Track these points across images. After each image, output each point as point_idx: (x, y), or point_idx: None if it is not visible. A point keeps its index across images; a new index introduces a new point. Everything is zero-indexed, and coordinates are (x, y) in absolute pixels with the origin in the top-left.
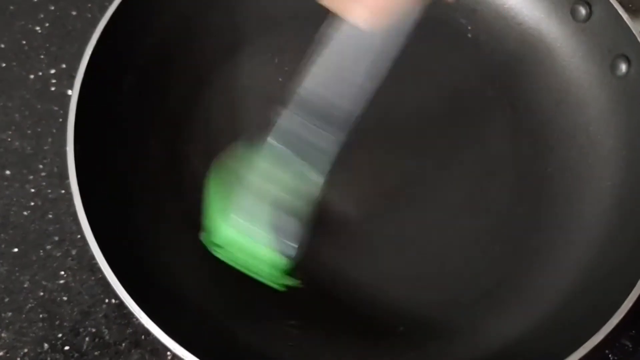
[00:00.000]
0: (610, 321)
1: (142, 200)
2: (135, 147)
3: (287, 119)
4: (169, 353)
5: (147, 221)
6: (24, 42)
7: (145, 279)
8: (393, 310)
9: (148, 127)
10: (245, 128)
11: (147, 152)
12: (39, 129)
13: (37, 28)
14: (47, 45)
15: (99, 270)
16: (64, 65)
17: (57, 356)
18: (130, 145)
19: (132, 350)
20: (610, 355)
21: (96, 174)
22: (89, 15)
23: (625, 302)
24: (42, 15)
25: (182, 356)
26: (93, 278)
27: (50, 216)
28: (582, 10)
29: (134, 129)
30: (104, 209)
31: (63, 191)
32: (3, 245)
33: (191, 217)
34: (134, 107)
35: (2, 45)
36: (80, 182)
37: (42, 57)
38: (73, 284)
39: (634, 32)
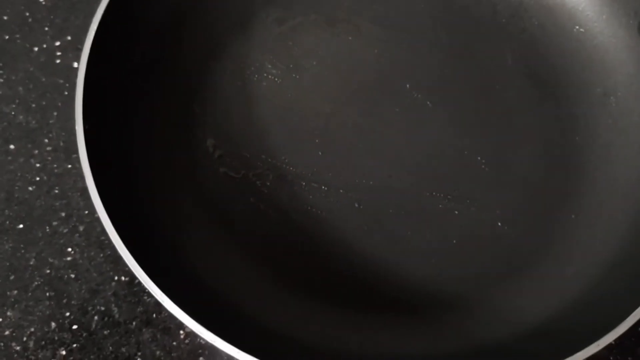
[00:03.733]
0: None
1: (152, 175)
2: (144, 121)
3: None
4: (181, 332)
5: (157, 196)
6: (28, 14)
7: (156, 254)
8: (421, 287)
9: (157, 101)
10: (257, 102)
11: (157, 126)
12: (44, 103)
13: (41, 0)
14: (52, 17)
15: (108, 246)
16: (69, 38)
17: (65, 335)
18: (139, 120)
19: (143, 329)
20: None
21: (105, 148)
22: None
23: None
24: None
25: (197, 332)
26: (102, 255)
27: (57, 191)
28: None
29: (143, 103)
30: (113, 184)
31: (69, 166)
32: (8, 222)
33: (202, 191)
34: (142, 81)
35: (5, 18)
36: (90, 157)
37: (46, 29)
38: (81, 261)
39: None
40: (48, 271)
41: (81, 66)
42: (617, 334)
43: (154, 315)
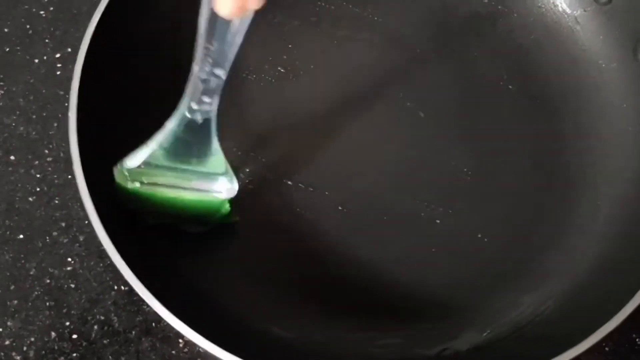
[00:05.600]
0: (627, 306)
1: None
2: (141, 128)
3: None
4: (180, 341)
5: None
6: (28, 26)
7: (154, 265)
8: (398, 291)
9: (154, 101)
10: (251, 102)
11: (152, 125)
12: (44, 114)
13: (42, 12)
14: (52, 29)
15: (108, 256)
16: (69, 49)
17: (65, 345)
18: (135, 128)
19: (143, 338)
20: (637, 340)
21: (101, 157)
22: None
23: None
24: None
25: (196, 342)
26: (101, 264)
27: (57, 202)
28: None
29: (140, 110)
30: (109, 195)
31: (69, 176)
32: (8, 232)
33: None
34: (138, 88)
35: (6, 30)
36: (85, 167)
37: (47, 41)
38: (81, 271)
39: None
40: (48, 281)
41: (75, 77)
42: (582, 348)
43: (153, 324)
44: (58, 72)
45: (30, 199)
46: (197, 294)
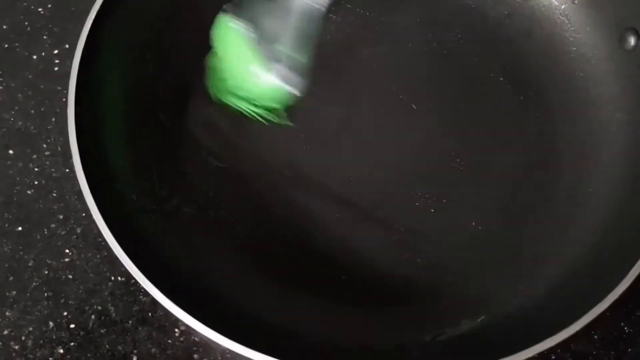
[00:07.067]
0: (614, 291)
1: (145, 175)
2: (137, 123)
3: None
4: (176, 330)
5: (151, 196)
6: (27, 23)
7: (152, 254)
8: (392, 279)
9: (152, 95)
10: None
11: (149, 126)
12: (43, 109)
13: (40, 9)
14: (50, 26)
15: (105, 247)
16: (67, 46)
17: (63, 334)
18: (132, 121)
19: (139, 328)
20: (625, 328)
21: (98, 150)
22: None
23: (631, 272)
24: None
25: (193, 327)
26: (98, 256)
27: (55, 195)
28: None
29: (137, 104)
30: (107, 186)
31: (67, 170)
32: (7, 225)
33: (193, 189)
34: (135, 83)
35: (5, 27)
36: (83, 160)
37: (45, 37)
38: (78, 262)
39: None
40: (46, 272)
41: (73, 72)
42: (571, 331)
43: (150, 314)
44: (56, 68)
45: (29, 192)
46: (194, 282)
